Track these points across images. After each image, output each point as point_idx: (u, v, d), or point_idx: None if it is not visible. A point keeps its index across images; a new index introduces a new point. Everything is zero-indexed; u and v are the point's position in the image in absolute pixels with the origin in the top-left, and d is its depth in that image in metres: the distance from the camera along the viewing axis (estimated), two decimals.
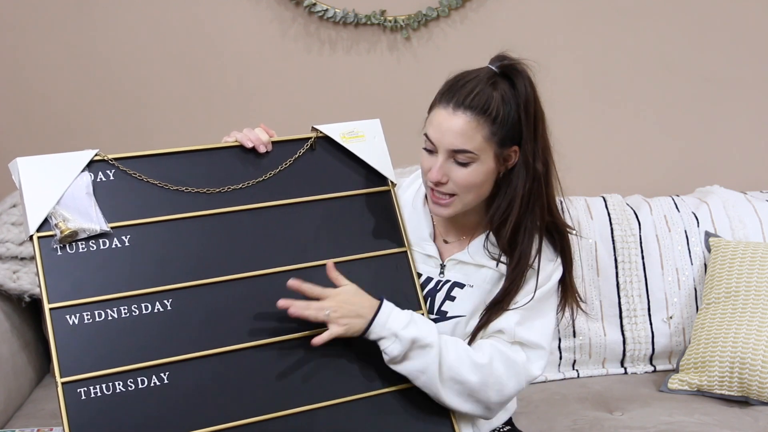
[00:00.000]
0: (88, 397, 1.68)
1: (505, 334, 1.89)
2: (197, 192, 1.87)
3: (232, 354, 1.79)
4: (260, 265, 1.86)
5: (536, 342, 1.90)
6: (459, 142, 1.81)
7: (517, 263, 1.88)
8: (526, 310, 1.89)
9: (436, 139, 1.83)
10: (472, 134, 1.81)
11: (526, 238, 1.89)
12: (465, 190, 1.85)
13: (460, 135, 1.81)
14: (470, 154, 1.81)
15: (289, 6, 3.05)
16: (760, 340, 2.54)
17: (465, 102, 1.81)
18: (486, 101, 1.81)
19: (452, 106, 1.82)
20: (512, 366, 1.87)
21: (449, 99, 1.83)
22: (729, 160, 3.20)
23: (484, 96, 1.81)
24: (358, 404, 1.85)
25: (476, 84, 1.83)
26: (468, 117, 1.81)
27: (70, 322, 1.71)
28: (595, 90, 3.15)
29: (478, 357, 1.85)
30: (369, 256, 1.94)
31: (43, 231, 1.73)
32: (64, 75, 3.08)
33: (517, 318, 1.88)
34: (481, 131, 1.81)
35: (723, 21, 3.12)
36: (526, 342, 1.89)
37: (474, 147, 1.81)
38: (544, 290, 1.92)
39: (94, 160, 1.81)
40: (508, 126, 1.83)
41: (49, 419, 2.51)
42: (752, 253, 2.70)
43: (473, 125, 1.81)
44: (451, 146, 1.81)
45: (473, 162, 1.83)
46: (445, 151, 1.83)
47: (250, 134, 1.93)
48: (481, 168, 1.84)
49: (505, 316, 1.88)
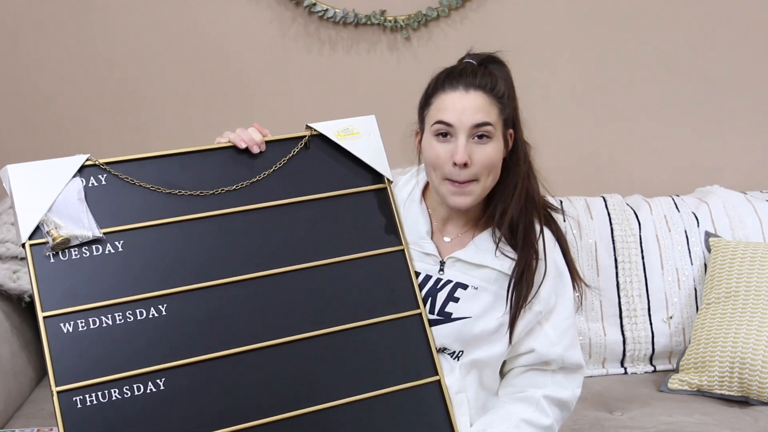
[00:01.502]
0: (84, 405, 1.68)
1: (551, 364, 1.95)
2: (190, 195, 1.86)
3: (228, 358, 1.79)
4: (256, 268, 1.86)
5: (578, 363, 1.98)
6: (480, 116, 1.84)
7: (523, 251, 1.92)
8: (565, 331, 1.97)
9: (454, 119, 1.85)
10: (488, 109, 1.85)
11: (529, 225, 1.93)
12: (486, 171, 1.87)
13: (480, 110, 1.85)
14: (490, 127, 1.85)
15: (289, 6, 3.05)
16: (760, 340, 2.54)
17: (474, 82, 1.86)
18: (492, 81, 1.87)
19: (462, 87, 1.86)
20: (566, 409, 1.98)
21: (456, 83, 1.87)
22: (729, 160, 3.19)
23: (488, 77, 1.87)
24: (358, 405, 1.84)
25: (474, 69, 1.88)
26: (480, 94, 1.85)
27: (64, 330, 1.71)
28: (595, 90, 3.15)
29: (542, 421, 1.92)
30: (366, 255, 1.94)
31: (35, 238, 1.72)
32: (63, 76, 3.08)
33: (554, 338, 1.94)
34: (494, 107, 1.86)
35: (723, 21, 3.11)
36: (569, 366, 1.97)
37: (493, 120, 1.85)
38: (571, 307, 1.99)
39: (85, 165, 1.80)
40: (509, 107, 1.89)
41: (49, 419, 2.51)
42: (752, 253, 2.69)
43: (488, 101, 1.86)
44: (473, 121, 1.84)
45: (492, 139, 1.86)
46: (466, 129, 1.85)
47: (243, 134, 1.92)
48: (497, 146, 1.87)
49: (543, 338, 1.94)
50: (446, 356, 1.94)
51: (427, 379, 1.90)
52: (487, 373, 1.95)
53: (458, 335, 1.92)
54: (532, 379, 1.96)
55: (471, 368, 1.93)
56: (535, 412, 1.92)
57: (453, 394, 1.91)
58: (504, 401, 1.95)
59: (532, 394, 1.94)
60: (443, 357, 1.94)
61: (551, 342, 1.94)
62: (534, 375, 1.96)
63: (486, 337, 1.92)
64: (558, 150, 3.08)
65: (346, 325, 1.87)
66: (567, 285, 1.99)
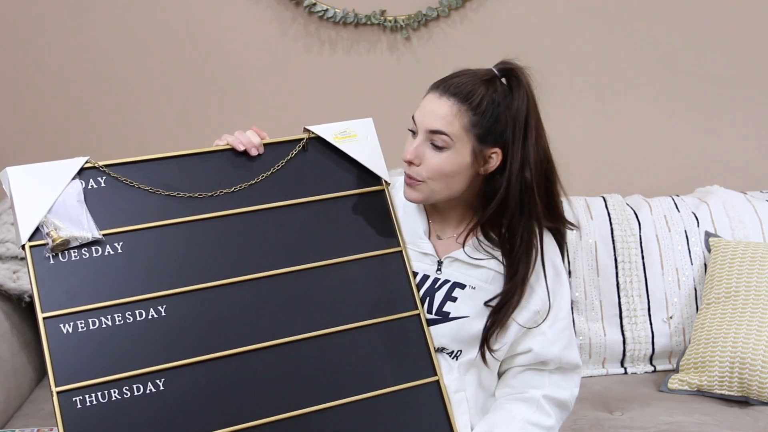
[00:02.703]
0: (83, 406, 1.68)
1: (549, 364, 1.95)
2: (189, 197, 1.86)
3: (228, 359, 1.79)
4: (255, 269, 1.86)
5: (575, 363, 1.98)
6: (438, 123, 1.84)
7: (515, 272, 1.90)
8: (562, 331, 1.96)
9: (418, 119, 1.88)
10: (452, 119, 1.84)
11: (523, 245, 1.90)
12: (434, 176, 1.87)
13: (440, 117, 1.84)
14: (446, 137, 1.84)
15: (289, 6, 3.05)
16: (760, 340, 2.54)
17: (450, 89, 1.86)
18: (470, 91, 1.85)
19: (439, 92, 1.87)
20: (565, 409, 1.98)
21: (438, 86, 1.88)
22: (729, 160, 3.19)
23: (469, 87, 1.86)
24: (356, 406, 1.84)
25: (469, 78, 1.88)
26: (451, 102, 1.85)
27: (64, 331, 1.71)
28: (595, 90, 3.15)
29: (545, 422, 1.92)
30: (364, 256, 1.94)
31: (35, 240, 1.73)
32: (62, 77, 3.08)
33: (551, 338, 1.94)
34: (461, 119, 1.84)
35: (723, 21, 3.11)
36: (567, 365, 1.97)
37: (451, 132, 1.84)
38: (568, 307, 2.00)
39: (84, 167, 1.81)
40: (491, 124, 1.86)
41: (49, 419, 2.51)
42: (752, 253, 2.70)
43: (454, 111, 1.84)
44: (430, 126, 1.85)
45: (448, 148, 1.85)
46: (424, 132, 1.86)
47: (242, 137, 1.93)
48: (454, 157, 1.86)
49: (541, 337, 1.94)
50: (445, 356, 1.94)
51: (425, 379, 1.90)
52: (485, 372, 1.95)
53: (456, 335, 1.92)
54: (530, 379, 1.96)
55: (470, 368, 1.93)
56: (536, 413, 1.92)
57: (452, 394, 1.91)
58: (504, 402, 1.95)
59: (533, 395, 1.94)
60: (442, 357, 1.94)
61: (548, 341, 1.94)
62: (531, 375, 1.96)
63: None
64: (558, 150, 3.07)
65: (344, 326, 1.88)
66: (564, 285, 1.99)
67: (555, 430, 1.95)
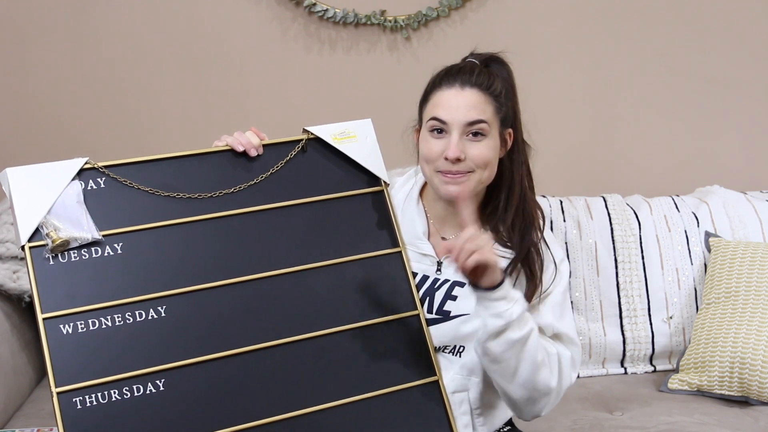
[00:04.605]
0: (83, 407, 1.68)
1: (544, 331, 1.92)
2: (189, 197, 1.86)
3: (228, 359, 1.79)
4: (255, 270, 1.86)
5: (572, 336, 1.94)
6: (474, 113, 1.86)
7: (527, 254, 1.92)
8: (555, 305, 1.93)
9: (448, 116, 1.87)
10: (483, 107, 1.87)
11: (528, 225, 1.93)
12: (482, 166, 1.88)
13: (473, 107, 1.86)
14: (484, 125, 1.87)
15: (289, 6, 3.05)
16: (760, 340, 2.54)
17: (471, 80, 1.88)
18: (489, 79, 1.89)
19: (458, 85, 1.88)
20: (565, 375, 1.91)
21: (453, 81, 1.89)
22: (729, 160, 3.20)
23: (486, 75, 1.89)
24: (357, 406, 1.84)
25: (473, 68, 1.91)
26: (475, 91, 1.87)
27: (63, 332, 1.70)
28: (595, 89, 3.15)
29: (550, 348, 1.89)
30: (363, 257, 1.94)
31: (34, 241, 1.72)
32: (62, 78, 3.08)
33: (544, 312, 1.92)
34: (489, 105, 1.88)
35: (723, 21, 3.11)
36: (563, 335, 1.93)
37: (487, 118, 1.87)
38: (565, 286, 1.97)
39: (84, 168, 1.80)
40: (507, 106, 1.91)
41: (49, 419, 2.51)
42: (752, 253, 2.70)
43: (482, 99, 1.87)
44: (467, 119, 1.86)
45: (486, 136, 1.88)
46: (460, 127, 1.87)
47: (241, 138, 1.92)
48: (492, 143, 1.89)
49: (536, 314, 1.90)
50: (446, 354, 1.94)
51: (425, 379, 1.90)
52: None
53: (458, 332, 1.92)
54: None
55: (474, 368, 1.94)
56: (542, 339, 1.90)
57: (451, 394, 1.92)
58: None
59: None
60: (442, 355, 1.94)
61: (542, 315, 1.92)
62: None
63: None
64: (558, 150, 3.08)
65: (344, 327, 1.88)
66: (551, 263, 1.98)
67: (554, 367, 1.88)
